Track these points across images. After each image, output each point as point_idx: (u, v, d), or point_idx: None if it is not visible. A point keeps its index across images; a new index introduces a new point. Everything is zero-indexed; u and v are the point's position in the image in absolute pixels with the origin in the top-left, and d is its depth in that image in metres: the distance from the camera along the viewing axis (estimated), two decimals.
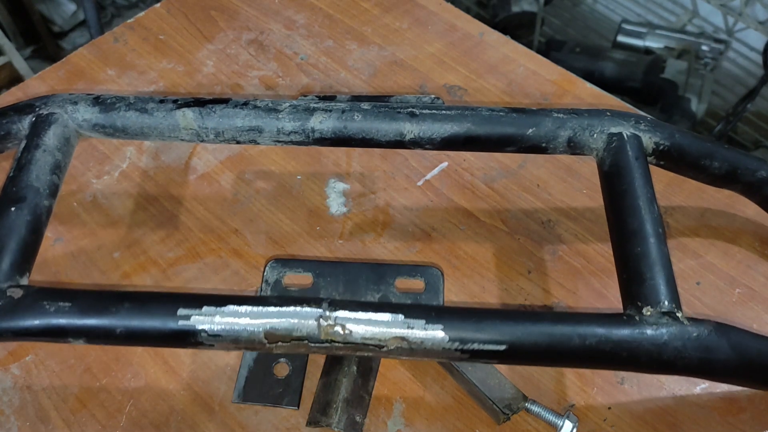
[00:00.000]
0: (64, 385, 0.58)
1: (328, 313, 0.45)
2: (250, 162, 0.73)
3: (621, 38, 1.67)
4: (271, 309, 0.45)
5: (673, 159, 0.57)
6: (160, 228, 0.68)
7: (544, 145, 0.57)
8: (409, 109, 0.57)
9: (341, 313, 0.45)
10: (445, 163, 0.73)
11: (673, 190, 0.70)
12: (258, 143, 0.59)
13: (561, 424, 0.55)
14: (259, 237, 0.67)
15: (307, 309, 0.45)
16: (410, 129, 0.57)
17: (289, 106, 0.58)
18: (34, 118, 0.56)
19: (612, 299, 0.63)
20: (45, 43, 2.01)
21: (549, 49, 1.67)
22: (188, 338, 0.45)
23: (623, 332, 0.45)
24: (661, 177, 0.68)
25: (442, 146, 0.58)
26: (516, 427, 0.56)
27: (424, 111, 0.57)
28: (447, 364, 0.58)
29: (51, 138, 0.55)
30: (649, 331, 0.45)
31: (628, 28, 1.67)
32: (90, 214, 0.69)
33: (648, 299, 0.47)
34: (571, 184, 0.71)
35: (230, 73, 0.81)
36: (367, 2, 0.88)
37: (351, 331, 0.44)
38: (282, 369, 0.59)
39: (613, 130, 0.56)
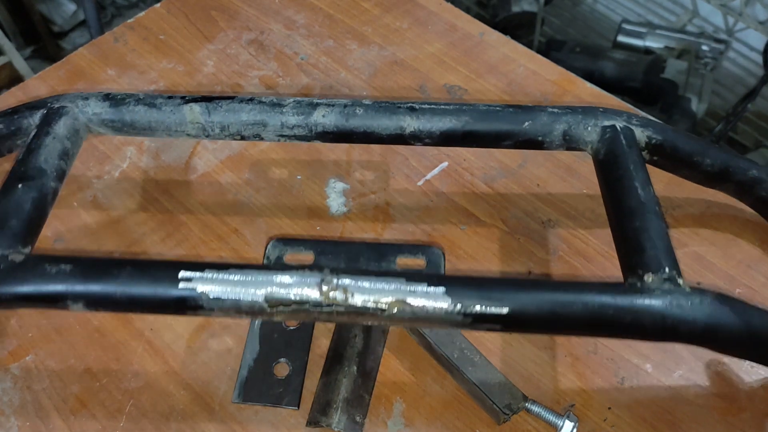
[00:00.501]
0: (64, 384, 0.58)
1: (329, 277, 0.44)
2: (251, 162, 0.73)
3: (621, 38, 1.67)
4: (273, 274, 0.45)
5: (665, 154, 0.58)
6: (161, 228, 0.68)
7: (540, 139, 0.58)
8: (409, 105, 0.59)
9: (343, 279, 0.44)
10: (445, 163, 0.73)
11: (672, 189, 0.70)
12: (262, 138, 0.59)
13: (561, 424, 0.55)
14: (260, 237, 0.67)
15: (308, 273, 0.45)
16: (410, 123, 0.58)
17: (293, 101, 0.59)
18: (45, 111, 0.57)
19: None
20: (45, 43, 2.01)
21: (549, 49, 1.67)
22: (189, 302, 0.44)
23: (626, 299, 0.45)
24: (660, 177, 0.68)
25: (441, 141, 0.59)
26: (516, 427, 0.57)
27: (423, 106, 0.59)
28: (447, 364, 0.58)
29: (61, 127, 0.56)
30: (651, 298, 0.45)
31: (628, 28, 1.67)
32: (90, 214, 0.69)
33: (649, 267, 0.47)
34: (571, 183, 0.71)
35: (230, 73, 0.81)
36: (367, 2, 0.88)
37: (353, 294, 0.44)
38: (282, 369, 0.59)
39: (607, 123, 0.57)
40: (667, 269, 0.47)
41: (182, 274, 0.45)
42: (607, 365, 0.60)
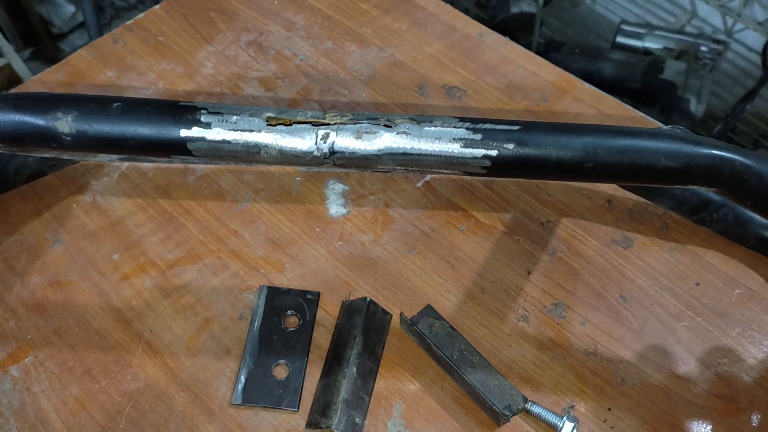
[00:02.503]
0: (63, 386, 0.58)
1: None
2: None
3: (620, 39, 1.67)
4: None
5: None
6: (160, 229, 0.68)
7: None
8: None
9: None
10: None
11: None
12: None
13: (561, 425, 0.55)
14: (259, 238, 0.67)
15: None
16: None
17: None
18: None
19: (611, 300, 0.63)
20: (44, 45, 2.01)
21: (548, 50, 1.67)
22: (188, 112, 0.42)
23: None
24: None
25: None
26: (516, 428, 0.56)
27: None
28: (446, 365, 0.58)
29: None
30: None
31: (627, 29, 1.67)
32: (89, 216, 0.69)
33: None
34: (570, 184, 0.71)
35: (229, 75, 0.81)
36: (366, 3, 0.88)
37: (359, 115, 0.42)
38: (281, 370, 0.59)
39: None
40: None
41: (182, 103, 0.43)
42: (607, 366, 0.60)
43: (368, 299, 0.59)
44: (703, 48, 1.61)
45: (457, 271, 0.65)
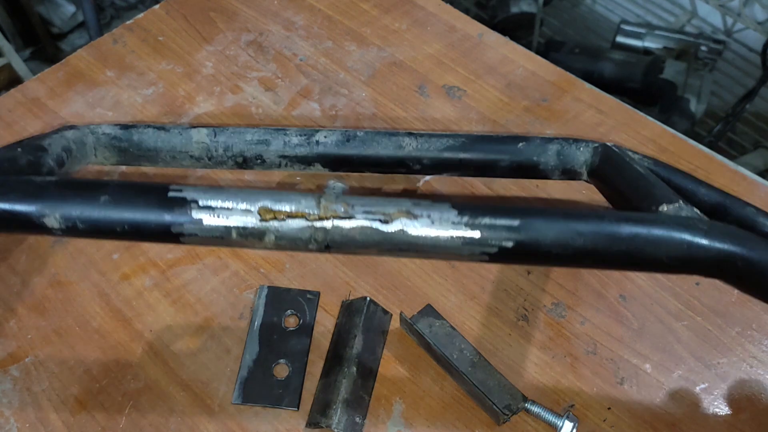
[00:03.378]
0: (63, 386, 0.58)
1: (329, 196, 0.43)
2: None
3: (620, 39, 1.67)
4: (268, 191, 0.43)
5: None
6: None
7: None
8: (408, 130, 0.61)
9: (344, 197, 0.43)
10: None
11: None
12: (264, 161, 0.61)
13: (561, 424, 0.55)
14: None
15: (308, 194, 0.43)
16: (408, 142, 0.60)
17: (297, 128, 0.62)
18: (56, 130, 0.59)
19: (611, 299, 0.63)
20: (44, 45, 2.01)
21: (548, 50, 1.67)
22: (178, 206, 0.42)
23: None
24: None
25: (437, 167, 0.61)
26: (516, 427, 0.56)
27: (423, 132, 0.61)
28: (446, 365, 0.58)
29: (69, 133, 0.58)
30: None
31: (627, 29, 1.67)
32: None
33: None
34: (570, 184, 0.71)
35: (229, 75, 0.81)
36: (366, 3, 0.88)
37: (353, 206, 0.42)
38: (282, 370, 0.59)
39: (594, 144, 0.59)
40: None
41: (172, 187, 0.43)
42: (607, 366, 0.60)
43: (368, 299, 0.59)
44: (703, 48, 1.61)
45: (457, 271, 0.65)
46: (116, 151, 0.60)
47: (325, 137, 0.61)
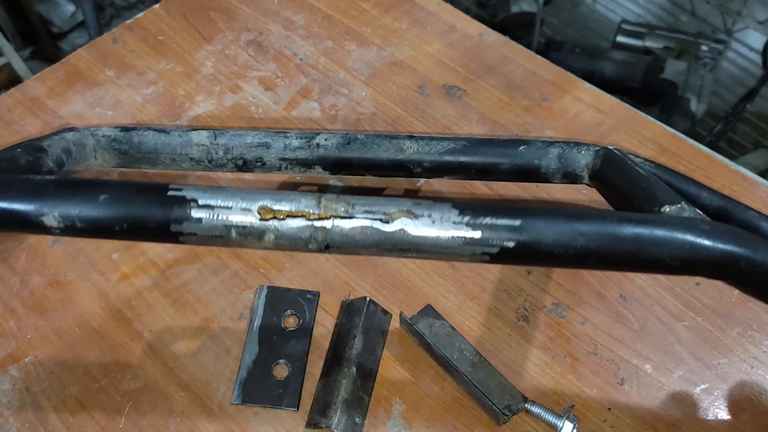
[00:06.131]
0: (63, 386, 0.58)
1: (330, 195, 0.42)
2: None
3: (620, 38, 1.67)
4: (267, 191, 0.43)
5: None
6: None
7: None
8: (408, 133, 0.62)
9: (345, 197, 0.42)
10: None
11: None
12: (264, 163, 0.61)
13: (561, 424, 0.55)
14: None
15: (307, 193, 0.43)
16: (409, 145, 0.60)
17: (297, 131, 0.62)
18: (56, 132, 0.60)
19: (611, 300, 0.63)
20: (44, 44, 2.01)
21: (548, 50, 1.67)
22: (177, 205, 0.42)
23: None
24: None
25: (438, 170, 0.60)
26: (516, 427, 0.56)
27: (423, 135, 0.61)
28: (446, 365, 0.58)
29: (69, 135, 0.58)
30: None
31: (628, 29, 1.67)
32: None
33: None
34: (571, 185, 0.71)
35: (229, 74, 0.81)
36: (366, 3, 0.88)
37: (353, 205, 0.41)
38: (281, 370, 0.59)
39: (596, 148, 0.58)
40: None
41: (172, 185, 0.43)
42: (607, 366, 0.60)
43: (368, 299, 0.59)
44: (703, 47, 1.61)
45: (457, 271, 0.65)
46: (116, 154, 0.61)
47: (325, 140, 0.61)
